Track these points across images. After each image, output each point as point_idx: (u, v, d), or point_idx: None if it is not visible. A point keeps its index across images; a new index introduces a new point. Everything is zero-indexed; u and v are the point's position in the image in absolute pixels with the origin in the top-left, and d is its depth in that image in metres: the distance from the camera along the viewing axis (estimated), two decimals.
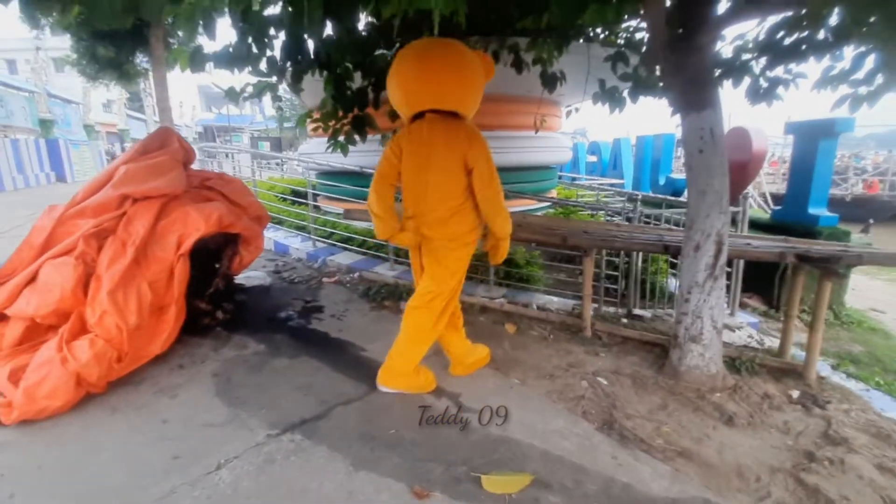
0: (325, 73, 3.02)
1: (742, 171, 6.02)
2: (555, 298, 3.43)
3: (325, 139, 3.04)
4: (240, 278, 3.33)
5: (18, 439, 1.67)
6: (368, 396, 2.01)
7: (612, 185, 8.07)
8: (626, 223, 3.01)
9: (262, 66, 2.39)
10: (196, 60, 2.16)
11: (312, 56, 2.54)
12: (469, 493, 1.49)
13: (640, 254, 3.11)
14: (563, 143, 6.96)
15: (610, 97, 2.97)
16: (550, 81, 3.56)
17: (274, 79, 2.52)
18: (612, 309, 3.40)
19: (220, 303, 2.64)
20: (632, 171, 9.64)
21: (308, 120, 3.04)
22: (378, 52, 2.93)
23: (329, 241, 4.55)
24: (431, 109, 1.83)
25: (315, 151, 6.43)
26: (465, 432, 1.82)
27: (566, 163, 9.08)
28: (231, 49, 2.25)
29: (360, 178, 4.27)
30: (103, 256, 2.01)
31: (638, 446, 1.77)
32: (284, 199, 5.72)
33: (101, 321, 1.90)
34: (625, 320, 3.05)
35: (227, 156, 9.97)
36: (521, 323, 2.88)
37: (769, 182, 15.30)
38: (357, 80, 3.14)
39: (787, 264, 3.32)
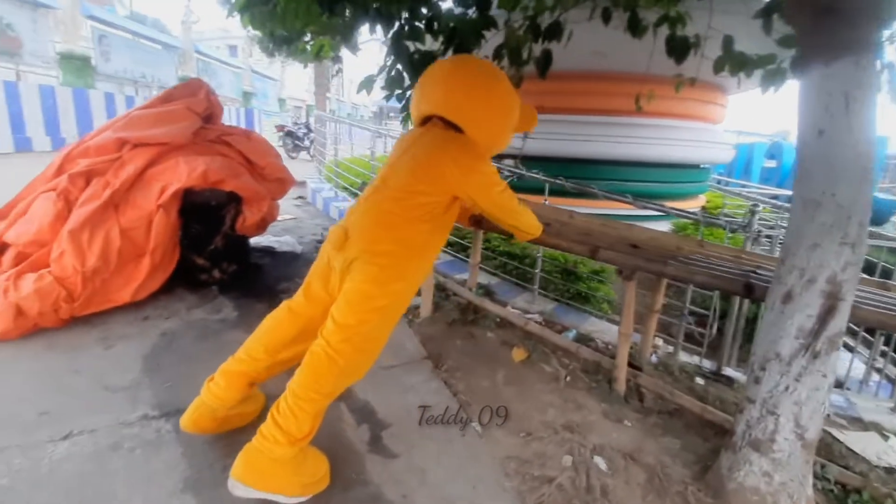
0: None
1: None
2: (615, 328, 2.60)
3: None
4: (271, 242, 3.28)
5: None
6: None
7: (774, 196, 6.24)
8: (718, 245, 2.04)
9: None
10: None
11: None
12: None
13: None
14: (720, 137, 5.56)
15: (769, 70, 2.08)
16: (679, 49, 2.70)
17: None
18: (692, 359, 2.44)
19: (220, 262, 2.56)
20: None
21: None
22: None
23: None
24: (436, 116, 1.52)
25: None
26: (346, 490, 1.34)
27: (724, 163, 7.38)
28: None
29: None
30: (83, 196, 2.04)
31: None
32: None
33: (59, 259, 1.91)
34: (699, 380, 2.12)
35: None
36: (537, 351, 2.19)
37: None
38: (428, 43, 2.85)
39: None
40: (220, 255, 2.56)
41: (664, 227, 5.00)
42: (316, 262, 1.45)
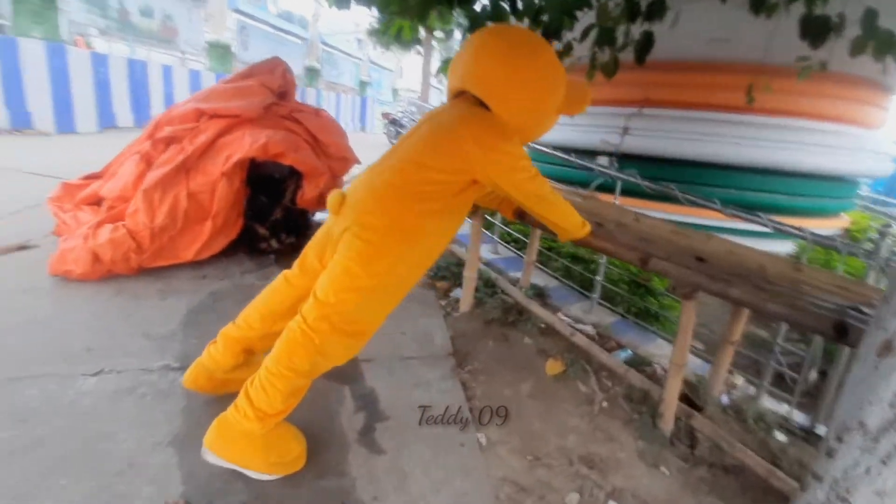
0: None
1: None
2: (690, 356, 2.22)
3: None
4: None
5: (50, 286, 2.04)
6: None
7: None
8: (821, 272, 1.57)
9: None
10: None
11: None
12: None
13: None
14: (874, 145, 4.59)
15: None
16: (817, 31, 2.26)
17: None
18: (780, 407, 1.98)
19: (279, 232, 2.67)
20: None
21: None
22: None
23: None
24: (466, 90, 1.37)
25: None
26: (319, 477, 1.28)
27: (881, 177, 6.07)
28: None
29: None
30: (160, 159, 2.24)
31: None
32: None
33: (133, 214, 2.12)
34: (780, 435, 1.70)
35: None
36: (576, 366, 1.93)
37: None
38: None
39: None
40: (279, 225, 2.67)
41: (783, 248, 4.21)
42: (317, 231, 1.40)
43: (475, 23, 2.79)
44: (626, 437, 1.59)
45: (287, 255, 2.70)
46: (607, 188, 2.81)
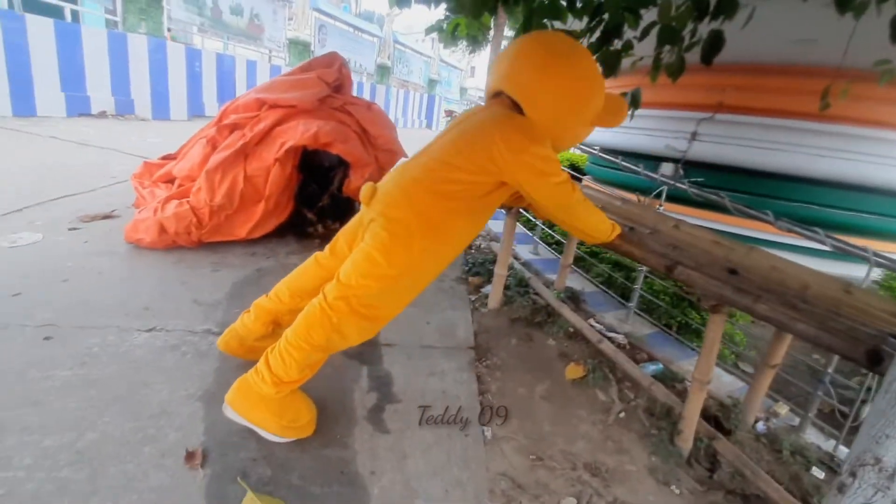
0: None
1: None
2: (725, 377, 2.09)
3: None
4: None
5: (124, 251, 2.31)
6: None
7: None
8: (873, 296, 1.40)
9: None
10: None
11: None
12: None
13: None
14: None
15: None
16: None
17: None
18: (826, 443, 1.80)
19: (325, 218, 2.82)
20: None
21: None
22: None
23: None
24: (503, 93, 1.41)
25: None
26: (324, 446, 1.36)
27: None
28: None
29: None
30: (223, 143, 2.45)
31: None
32: None
33: (196, 192, 2.34)
34: (818, 471, 1.55)
35: None
36: (597, 373, 1.88)
37: None
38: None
39: None
40: (326, 212, 2.83)
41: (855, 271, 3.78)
42: (351, 219, 1.48)
43: (530, 21, 2.76)
44: (638, 451, 1.53)
45: (330, 240, 2.85)
46: (672, 196, 2.69)
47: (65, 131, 5.01)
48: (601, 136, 5.36)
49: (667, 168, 4.61)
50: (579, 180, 4.58)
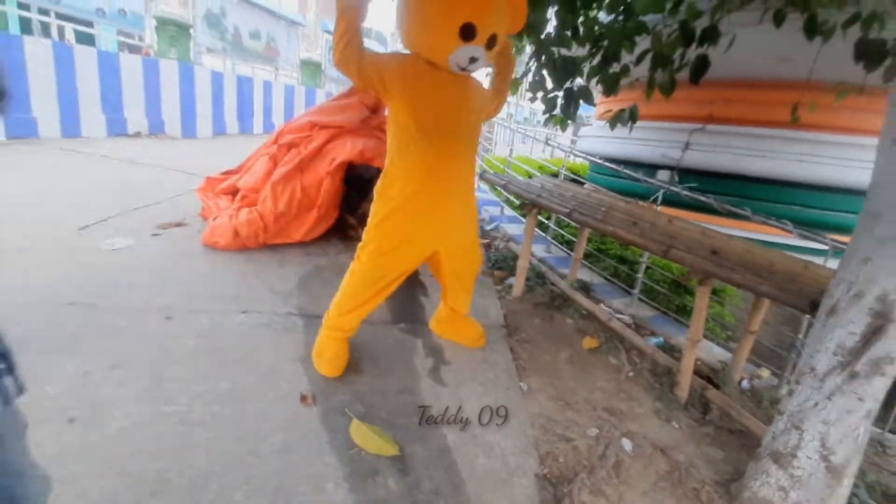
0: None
1: None
2: (716, 349, 2.46)
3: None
4: None
5: (202, 252, 2.71)
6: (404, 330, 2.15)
7: None
8: (828, 270, 1.78)
9: None
10: None
11: None
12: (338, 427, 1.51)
13: None
14: None
15: None
16: (872, 54, 2.43)
17: None
18: None
19: (364, 224, 3.22)
20: None
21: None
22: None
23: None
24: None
25: (594, 134, 6.36)
26: (400, 393, 1.74)
27: None
28: None
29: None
30: (283, 160, 2.86)
31: None
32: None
33: (263, 202, 2.75)
34: None
35: None
36: (609, 344, 2.26)
37: None
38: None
39: None
40: (365, 218, 3.22)
41: None
42: None
43: (540, 50, 3.17)
44: (645, 399, 1.91)
45: None
46: (668, 201, 3.08)
47: (112, 150, 5.46)
48: (602, 146, 5.80)
49: (663, 175, 5.03)
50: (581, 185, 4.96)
